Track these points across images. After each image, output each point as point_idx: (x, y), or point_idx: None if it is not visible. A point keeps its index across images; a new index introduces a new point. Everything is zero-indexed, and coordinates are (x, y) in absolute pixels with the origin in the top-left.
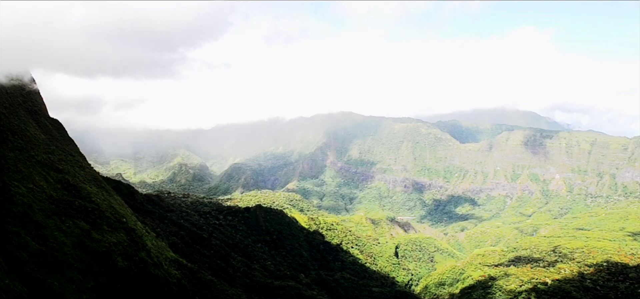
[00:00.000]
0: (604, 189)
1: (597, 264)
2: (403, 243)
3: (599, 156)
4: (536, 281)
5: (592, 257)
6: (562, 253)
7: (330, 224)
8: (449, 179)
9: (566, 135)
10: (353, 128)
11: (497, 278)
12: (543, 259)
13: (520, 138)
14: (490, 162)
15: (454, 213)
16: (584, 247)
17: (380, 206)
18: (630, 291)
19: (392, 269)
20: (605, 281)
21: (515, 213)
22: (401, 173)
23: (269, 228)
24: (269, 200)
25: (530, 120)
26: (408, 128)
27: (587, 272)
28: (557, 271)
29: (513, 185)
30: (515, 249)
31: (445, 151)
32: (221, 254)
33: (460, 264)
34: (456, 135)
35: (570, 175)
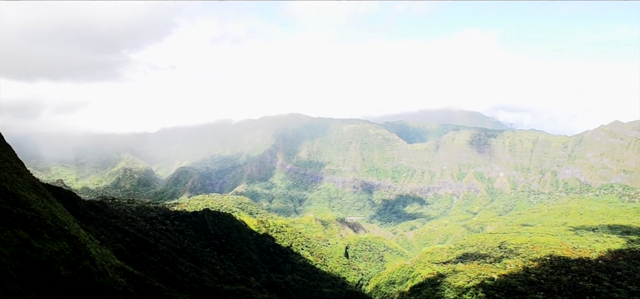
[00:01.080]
0: (546, 186)
1: (541, 258)
2: (353, 244)
3: (541, 154)
4: (483, 277)
5: (536, 252)
6: (508, 249)
7: (279, 226)
8: (397, 179)
9: (510, 134)
10: (302, 130)
11: (445, 275)
12: (490, 256)
13: (465, 138)
14: (437, 162)
15: (402, 212)
16: (528, 242)
17: (330, 207)
18: (572, 284)
19: (343, 269)
20: (548, 275)
21: (462, 211)
22: (350, 174)
23: (217, 232)
24: (217, 203)
25: (475, 120)
26: (356, 129)
27: (532, 266)
28: (503, 266)
29: (459, 184)
30: (463, 246)
31: (393, 151)
32: (169, 260)
33: (409, 262)
34: (404, 136)
35: (514, 173)
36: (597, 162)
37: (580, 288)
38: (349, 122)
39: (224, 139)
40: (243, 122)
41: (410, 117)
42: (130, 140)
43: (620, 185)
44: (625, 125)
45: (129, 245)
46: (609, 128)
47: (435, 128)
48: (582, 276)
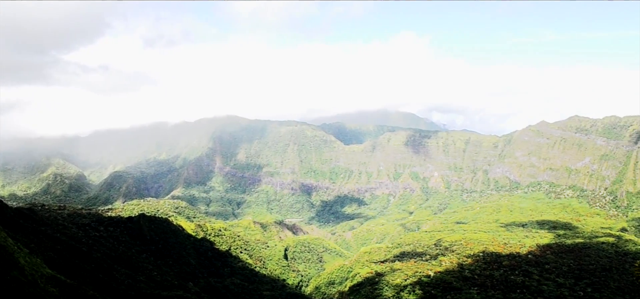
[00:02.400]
0: (478, 184)
1: (475, 254)
2: (292, 245)
3: (473, 153)
4: (420, 275)
5: (470, 248)
6: (443, 246)
7: (218, 230)
8: (335, 180)
9: (443, 135)
10: (239, 132)
11: (384, 274)
12: (426, 253)
13: (401, 139)
14: (374, 162)
15: (341, 213)
16: (462, 239)
17: (269, 209)
18: (504, 278)
19: (282, 271)
20: (482, 270)
21: (399, 210)
22: (288, 176)
23: (154, 238)
24: (153, 208)
25: (410, 121)
26: (294, 131)
27: (466, 263)
28: (439, 263)
29: (396, 184)
30: (400, 245)
31: (331, 153)
32: (103, 267)
33: (348, 262)
34: (341, 137)
35: (447, 172)
36: (525, 161)
37: (512, 282)
38: (287, 123)
39: (159, 142)
40: (179, 125)
41: (347, 119)
42: (61, 144)
43: (547, 182)
44: (550, 125)
45: (61, 253)
46: (536, 128)
47: (372, 129)
48: (513, 271)
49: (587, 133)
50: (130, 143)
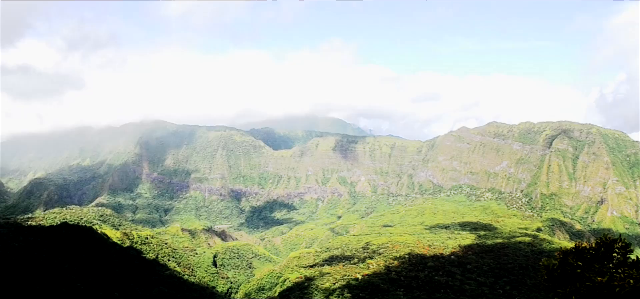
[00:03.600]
0: (403, 188)
1: (401, 256)
2: (221, 252)
3: (398, 158)
4: (349, 278)
5: (396, 251)
6: (371, 250)
7: (144, 238)
8: (264, 185)
9: (370, 140)
10: (167, 138)
11: (313, 278)
12: (354, 257)
13: (329, 144)
14: (302, 167)
15: (270, 218)
16: (389, 242)
17: (197, 216)
18: (428, 279)
19: (211, 279)
20: (408, 272)
21: (328, 214)
22: (217, 182)
23: (77, 247)
24: (77, 216)
25: (338, 126)
26: (222, 136)
27: (393, 265)
28: (367, 266)
29: (324, 188)
30: (329, 249)
31: (260, 158)
32: (24, 279)
33: (277, 268)
34: (270, 142)
35: (374, 177)
36: (447, 165)
37: (436, 282)
38: (216, 129)
39: (83, 148)
40: (104, 129)
41: (276, 124)
42: None
43: (468, 185)
44: (471, 131)
45: None
46: (457, 133)
47: (300, 135)
48: (437, 271)
49: (504, 138)
50: (52, 148)
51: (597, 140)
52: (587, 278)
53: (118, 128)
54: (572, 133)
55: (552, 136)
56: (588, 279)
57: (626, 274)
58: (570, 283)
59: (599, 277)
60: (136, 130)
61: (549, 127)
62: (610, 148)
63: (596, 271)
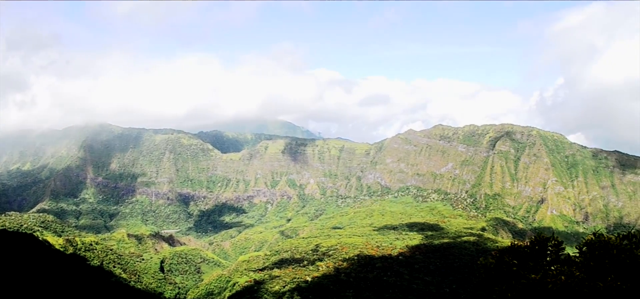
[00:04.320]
0: (352, 190)
1: (350, 258)
2: (168, 257)
3: (347, 161)
4: (298, 280)
5: (346, 252)
6: (321, 252)
7: (89, 244)
8: (212, 189)
9: (319, 143)
10: (112, 141)
11: (263, 282)
12: (304, 259)
13: (278, 147)
14: (251, 171)
15: (219, 222)
16: (338, 244)
17: (144, 221)
18: (377, 279)
19: (159, 285)
20: (357, 273)
21: (277, 217)
22: (164, 186)
23: (16, 256)
24: (16, 223)
25: (287, 129)
26: (169, 139)
27: (342, 266)
28: (317, 268)
29: (273, 191)
30: (278, 252)
31: (208, 161)
32: None
33: (226, 272)
34: (218, 146)
35: (323, 179)
36: (395, 167)
37: (385, 282)
38: (163, 132)
39: (23, 151)
40: (46, 133)
41: (225, 127)
42: None
43: (415, 187)
44: (417, 134)
45: None
46: (404, 136)
47: (250, 138)
48: (385, 272)
49: (449, 140)
50: None
51: (538, 142)
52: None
53: (61, 131)
54: (514, 135)
55: (495, 138)
56: (523, 277)
57: (558, 271)
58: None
59: (533, 274)
60: (80, 133)
61: (492, 129)
62: (549, 149)
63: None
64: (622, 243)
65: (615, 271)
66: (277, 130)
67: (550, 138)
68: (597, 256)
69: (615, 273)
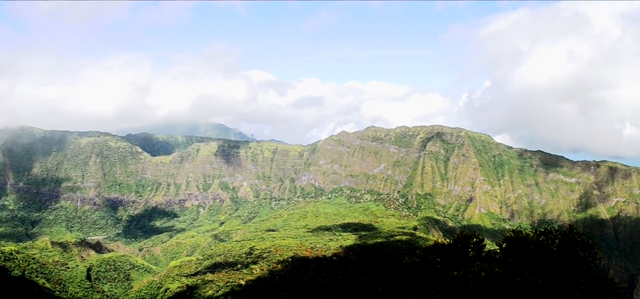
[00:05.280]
0: (286, 192)
1: (285, 260)
2: (96, 265)
3: (280, 162)
4: (232, 284)
5: (280, 255)
6: (255, 255)
7: (8, 253)
8: (142, 193)
9: (252, 145)
10: (34, 144)
11: (195, 287)
12: (238, 263)
13: (211, 149)
14: (182, 174)
15: (149, 227)
16: (272, 247)
17: (69, 227)
18: (311, 280)
19: (85, 294)
20: (291, 275)
21: (209, 221)
22: (91, 191)
23: None
24: None
25: (220, 131)
26: (96, 142)
27: (277, 269)
28: (250, 272)
29: (205, 195)
30: (211, 256)
31: (137, 165)
32: None
33: (157, 278)
34: (148, 149)
35: (256, 182)
36: (328, 168)
37: (319, 283)
38: (88, 134)
39: None
40: None
41: (155, 129)
42: None
43: (348, 188)
44: (350, 135)
45: None
46: (337, 137)
47: (181, 140)
48: (320, 273)
49: (382, 142)
50: None
51: (466, 143)
52: (446, 273)
53: None
54: (444, 136)
55: (425, 139)
56: (446, 274)
57: (479, 268)
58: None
59: (455, 271)
60: None
61: (423, 130)
62: (477, 150)
63: (453, 266)
64: (539, 239)
65: (533, 266)
66: (209, 132)
67: (478, 139)
68: (515, 252)
69: (532, 268)
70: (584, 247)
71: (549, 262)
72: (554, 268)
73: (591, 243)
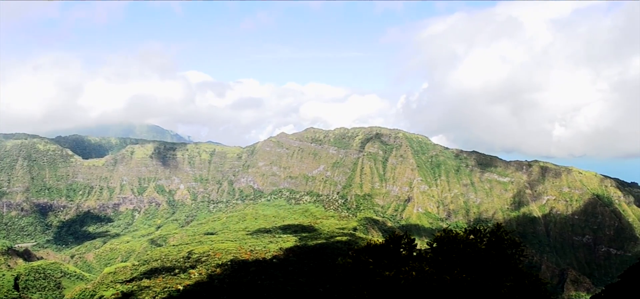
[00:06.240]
0: (224, 195)
1: (224, 263)
2: (24, 274)
3: (218, 165)
4: (170, 290)
5: (219, 258)
6: (193, 259)
7: None
8: (73, 198)
9: (190, 147)
10: None
11: (131, 293)
12: (175, 267)
13: (146, 152)
14: (116, 177)
15: (81, 232)
16: (211, 250)
17: None
18: (251, 284)
19: None
20: (231, 279)
21: (145, 225)
22: (18, 196)
23: None
24: None
25: (156, 133)
26: (23, 144)
27: (216, 273)
28: (189, 276)
29: (140, 198)
30: (148, 261)
31: (68, 168)
32: None
33: (90, 286)
34: (80, 151)
35: (193, 184)
36: (267, 170)
37: (259, 286)
38: (15, 137)
39: None
40: None
41: (87, 131)
42: None
43: (288, 189)
44: (289, 137)
45: None
46: (276, 139)
47: (115, 142)
48: (259, 276)
49: (321, 143)
50: None
51: (404, 144)
52: (378, 273)
53: None
54: (382, 137)
55: (364, 140)
56: (378, 274)
57: (410, 267)
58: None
59: (387, 271)
60: None
61: (362, 132)
62: (415, 150)
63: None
64: (468, 238)
65: (462, 264)
66: (144, 134)
67: (415, 140)
68: (445, 251)
69: (461, 266)
70: (511, 245)
71: (477, 260)
72: (483, 265)
73: (518, 241)
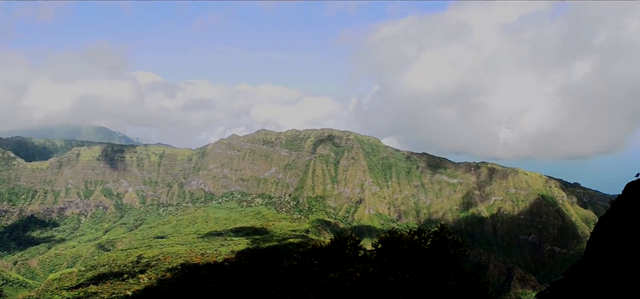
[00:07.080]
0: (174, 198)
1: (174, 268)
2: None
3: (168, 167)
4: (118, 295)
5: (169, 263)
6: (142, 263)
7: None
8: (15, 202)
9: (138, 149)
10: None
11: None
12: (124, 272)
13: (93, 154)
14: (61, 180)
15: (24, 238)
16: (161, 254)
17: None
18: (202, 287)
19: None
20: (181, 283)
21: (92, 230)
22: None
23: None
24: None
25: (103, 135)
26: None
27: (166, 277)
28: (138, 281)
29: (87, 202)
30: (94, 267)
31: (10, 171)
32: None
33: (33, 293)
34: (23, 153)
35: (142, 187)
36: (218, 172)
37: (210, 290)
38: None
39: None
40: None
41: (30, 133)
42: None
43: (239, 192)
44: (241, 138)
45: None
46: (227, 141)
47: (60, 144)
48: (211, 279)
49: (273, 145)
50: None
51: (355, 146)
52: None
53: None
54: (334, 139)
55: (316, 142)
56: (323, 276)
57: (355, 269)
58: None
59: (332, 273)
60: None
61: (314, 134)
62: (366, 152)
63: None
64: (413, 238)
65: (406, 265)
66: (91, 135)
67: (366, 142)
68: (389, 252)
69: (405, 267)
70: (455, 245)
71: (421, 260)
72: (426, 266)
73: (461, 241)
